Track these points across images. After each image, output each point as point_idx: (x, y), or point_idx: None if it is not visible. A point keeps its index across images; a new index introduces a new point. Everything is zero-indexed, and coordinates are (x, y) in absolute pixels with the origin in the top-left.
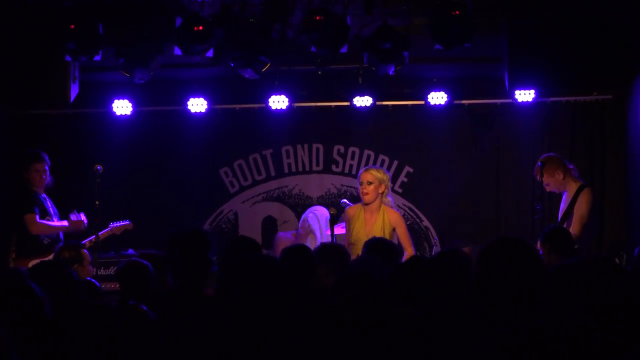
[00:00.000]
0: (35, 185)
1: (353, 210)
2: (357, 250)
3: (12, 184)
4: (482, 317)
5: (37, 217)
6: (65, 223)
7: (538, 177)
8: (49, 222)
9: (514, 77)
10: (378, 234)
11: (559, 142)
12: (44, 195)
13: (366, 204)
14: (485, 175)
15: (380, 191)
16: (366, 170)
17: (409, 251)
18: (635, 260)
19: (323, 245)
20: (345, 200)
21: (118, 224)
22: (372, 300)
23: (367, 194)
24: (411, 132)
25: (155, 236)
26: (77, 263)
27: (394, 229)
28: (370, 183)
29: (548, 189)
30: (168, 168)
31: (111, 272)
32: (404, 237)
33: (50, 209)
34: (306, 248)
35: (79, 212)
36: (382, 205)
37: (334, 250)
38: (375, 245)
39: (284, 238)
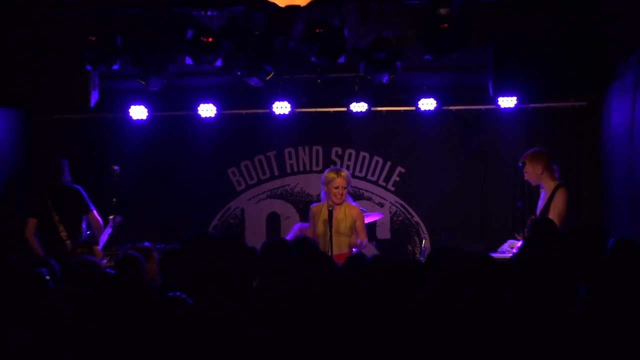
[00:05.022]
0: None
1: (317, 208)
2: (322, 243)
3: (37, 184)
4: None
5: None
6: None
7: (523, 167)
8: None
9: (497, 84)
10: (341, 226)
11: (539, 145)
12: None
13: (337, 204)
14: (471, 174)
15: (347, 191)
16: (339, 175)
17: (362, 236)
18: (609, 251)
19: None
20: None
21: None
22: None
23: (341, 195)
24: (403, 135)
25: (168, 230)
26: None
27: (354, 221)
28: (345, 188)
29: (526, 176)
30: (180, 168)
31: None
32: (360, 228)
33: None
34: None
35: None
36: (345, 202)
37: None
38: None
39: (304, 227)
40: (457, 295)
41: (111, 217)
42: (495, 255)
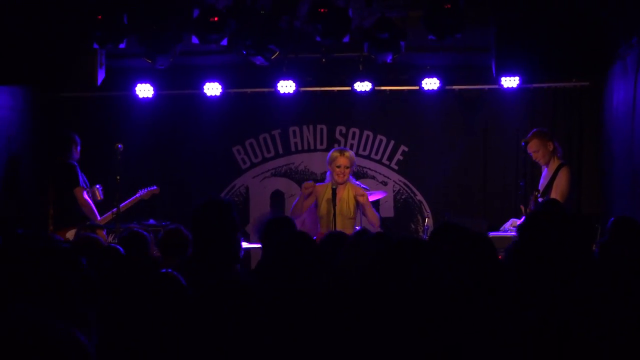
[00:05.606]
0: (76, 159)
1: (321, 188)
2: (325, 223)
3: (45, 161)
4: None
5: (85, 192)
6: (97, 215)
7: (530, 147)
8: (92, 204)
9: (500, 64)
10: (343, 206)
11: (541, 125)
12: None
13: (340, 184)
14: (474, 153)
15: (351, 171)
16: (342, 154)
17: (370, 213)
18: (608, 230)
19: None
20: None
21: (145, 190)
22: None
23: (344, 175)
24: (407, 114)
25: (174, 208)
26: None
27: (357, 202)
28: (347, 167)
29: (535, 156)
30: (185, 146)
31: None
32: (369, 210)
33: (86, 181)
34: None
35: (101, 185)
36: (349, 182)
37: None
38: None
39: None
40: (458, 272)
41: (94, 187)
42: (497, 234)
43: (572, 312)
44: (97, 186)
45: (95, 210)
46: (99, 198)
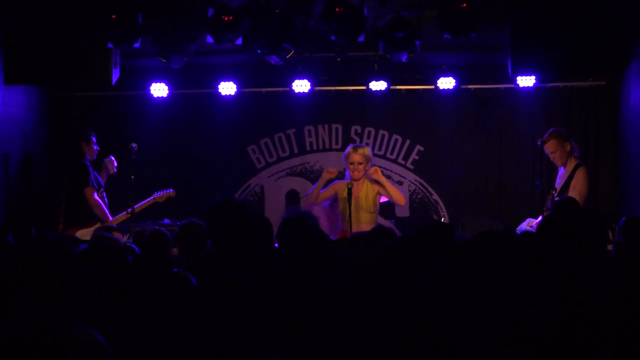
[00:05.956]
0: (89, 159)
1: (340, 185)
2: (343, 219)
3: (59, 160)
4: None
5: (95, 192)
6: (109, 215)
7: (547, 148)
8: (102, 205)
9: (516, 63)
10: (362, 202)
11: (557, 124)
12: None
13: (356, 180)
14: (489, 153)
15: (366, 168)
16: (355, 150)
17: (392, 190)
18: (620, 230)
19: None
20: None
21: (161, 193)
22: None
23: (359, 172)
24: (422, 114)
25: (189, 207)
26: None
27: (377, 194)
28: (360, 163)
29: (552, 157)
30: (200, 145)
31: None
32: (389, 188)
33: (100, 180)
34: None
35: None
36: (367, 177)
37: None
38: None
39: (321, 206)
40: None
41: (108, 159)
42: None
43: (588, 311)
44: (111, 157)
45: (107, 211)
46: (112, 171)
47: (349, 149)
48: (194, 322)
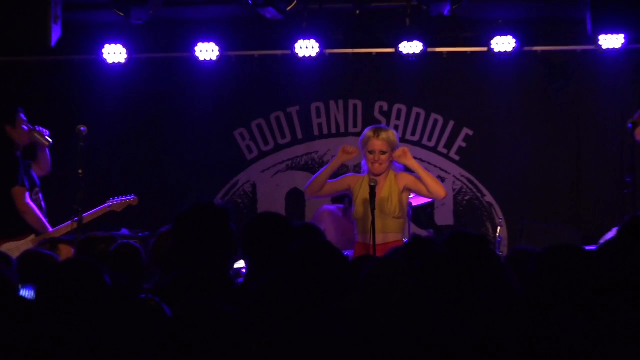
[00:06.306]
0: (19, 147)
1: (355, 180)
2: (362, 227)
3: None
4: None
5: (28, 193)
6: (46, 223)
7: (630, 125)
8: (36, 210)
9: (598, 18)
10: (386, 204)
11: None
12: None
13: (377, 175)
14: (563, 139)
15: (391, 159)
16: (377, 134)
17: (429, 180)
18: None
19: None
20: None
21: (119, 200)
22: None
23: (380, 164)
24: (471, 86)
25: (155, 213)
26: None
27: (403, 191)
28: (383, 153)
29: None
30: (171, 129)
31: None
32: (422, 175)
33: (34, 178)
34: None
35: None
36: (390, 171)
37: None
38: None
39: (329, 212)
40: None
41: (37, 131)
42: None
43: None
44: (42, 130)
45: (44, 218)
46: (46, 143)
47: (368, 131)
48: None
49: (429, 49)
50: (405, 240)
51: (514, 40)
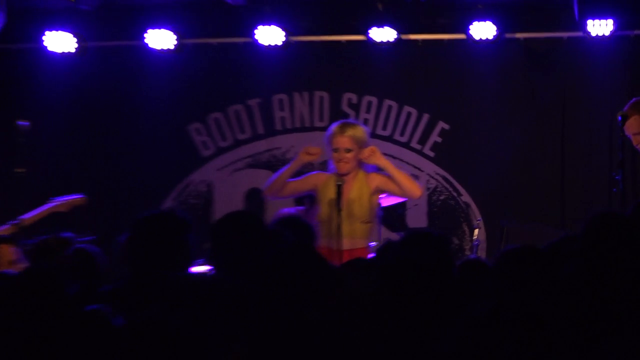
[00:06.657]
0: None
1: (321, 179)
2: (327, 231)
3: None
4: None
5: None
6: None
7: (628, 127)
8: None
9: (585, 2)
10: (354, 207)
11: None
12: None
13: (343, 175)
14: (547, 133)
15: (358, 157)
16: (342, 131)
17: (400, 179)
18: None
19: None
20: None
21: (64, 199)
22: None
23: (345, 163)
24: (448, 76)
25: (102, 214)
26: None
27: (374, 192)
28: (348, 150)
29: (635, 140)
30: (121, 124)
31: None
32: (395, 174)
33: None
34: None
35: None
36: (360, 170)
37: None
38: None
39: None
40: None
41: None
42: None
43: None
44: None
45: None
46: None
47: (334, 127)
48: None
49: (403, 36)
50: (372, 245)
51: (495, 27)
